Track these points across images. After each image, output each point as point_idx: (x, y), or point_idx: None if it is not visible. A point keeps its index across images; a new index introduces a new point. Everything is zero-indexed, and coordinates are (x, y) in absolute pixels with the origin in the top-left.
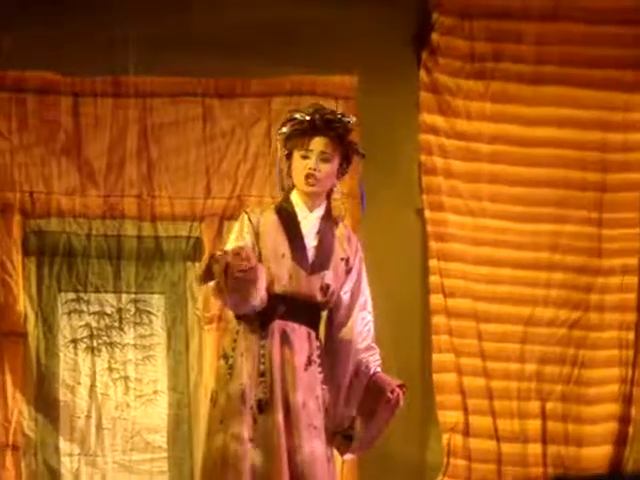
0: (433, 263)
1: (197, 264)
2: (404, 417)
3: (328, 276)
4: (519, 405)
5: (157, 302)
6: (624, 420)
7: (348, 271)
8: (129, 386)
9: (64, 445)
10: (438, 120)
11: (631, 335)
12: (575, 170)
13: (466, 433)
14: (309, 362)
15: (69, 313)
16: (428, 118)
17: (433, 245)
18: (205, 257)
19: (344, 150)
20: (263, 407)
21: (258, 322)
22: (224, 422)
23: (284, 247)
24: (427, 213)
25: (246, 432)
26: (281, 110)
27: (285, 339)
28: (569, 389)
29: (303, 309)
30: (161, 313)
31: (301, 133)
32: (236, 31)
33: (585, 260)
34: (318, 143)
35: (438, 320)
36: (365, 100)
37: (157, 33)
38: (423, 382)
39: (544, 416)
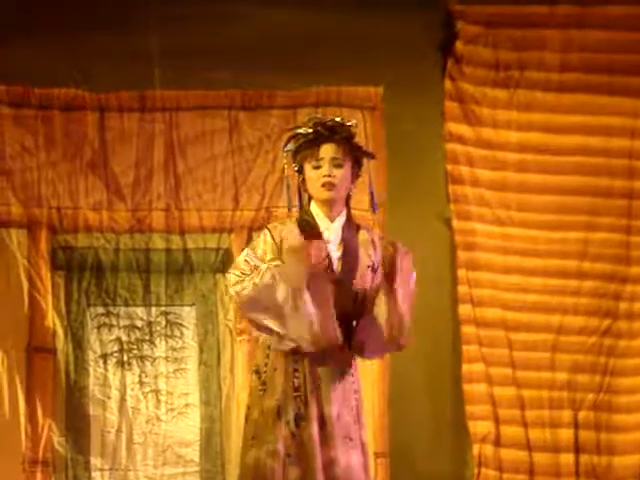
0: (461, 273)
1: (227, 275)
2: (436, 428)
3: (357, 285)
4: (551, 414)
5: (188, 314)
6: None
7: (375, 277)
8: (160, 399)
9: (95, 460)
10: (464, 129)
11: None
12: (602, 177)
13: (497, 443)
14: (343, 373)
15: (98, 327)
16: (454, 127)
17: (461, 255)
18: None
19: (353, 154)
20: (299, 422)
21: None
22: (257, 438)
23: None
24: (455, 222)
25: (282, 447)
26: None
27: (317, 352)
28: (600, 398)
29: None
30: (192, 325)
31: (308, 145)
32: (261, 43)
33: (614, 268)
34: (327, 150)
35: (467, 330)
36: (391, 110)
37: (182, 47)
38: (454, 392)
39: (576, 425)
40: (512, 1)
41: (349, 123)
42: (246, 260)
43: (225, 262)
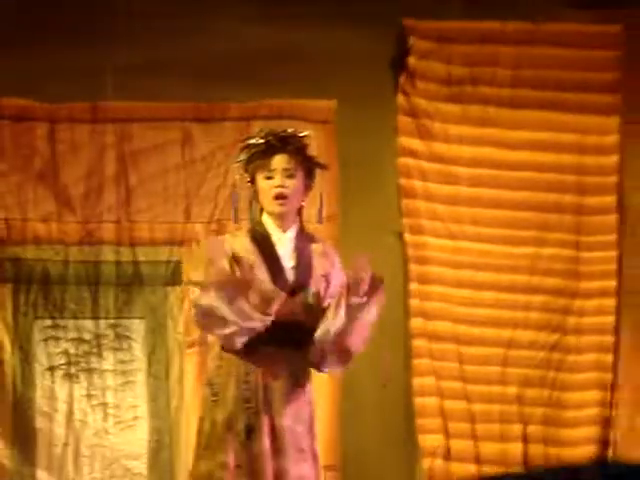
0: (413, 286)
1: (177, 287)
2: (386, 441)
3: (310, 295)
4: (501, 428)
5: (137, 327)
6: (603, 443)
7: (328, 287)
8: (108, 412)
9: (41, 474)
10: (417, 144)
11: (609, 358)
12: (553, 193)
13: (447, 457)
14: (298, 384)
15: (46, 340)
16: (407, 142)
17: (413, 268)
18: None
19: (305, 164)
20: (250, 433)
21: (243, 348)
22: (209, 449)
23: (262, 272)
24: (407, 236)
25: (232, 459)
26: None
27: (271, 364)
28: (549, 412)
29: (289, 332)
30: (141, 338)
31: (260, 155)
32: (215, 56)
33: (563, 283)
34: (279, 161)
35: (419, 343)
36: (344, 124)
37: (134, 58)
38: (405, 406)
39: (525, 439)
40: (464, 17)
41: (301, 134)
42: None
43: (175, 275)
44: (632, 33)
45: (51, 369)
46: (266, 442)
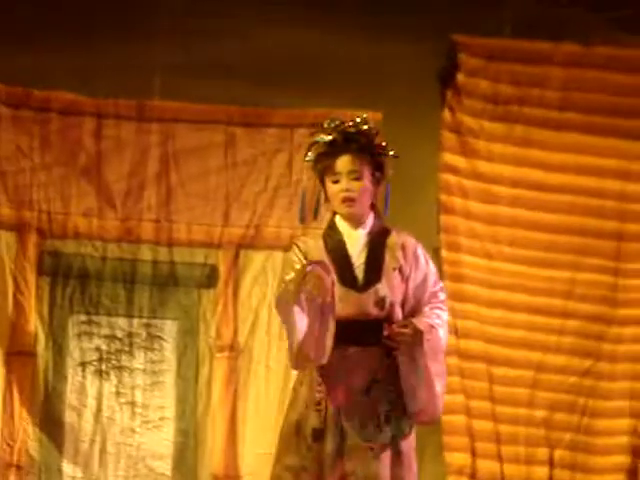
0: (448, 303)
1: (211, 291)
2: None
3: (382, 289)
4: (527, 451)
5: (169, 328)
6: (632, 472)
7: (404, 279)
8: (135, 411)
9: (67, 468)
10: (459, 160)
11: None
12: (593, 218)
13: (472, 476)
14: (372, 382)
15: (79, 335)
16: (449, 158)
17: (448, 285)
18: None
19: (372, 159)
20: (317, 436)
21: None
22: (280, 451)
23: (332, 272)
24: (444, 253)
25: (299, 462)
26: (303, 142)
27: (344, 364)
28: (578, 438)
29: (362, 329)
30: (172, 339)
31: (326, 156)
32: (263, 61)
33: (599, 309)
34: (345, 162)
35: (450, 361)
36: (388, 137)
37: (183, 59)
38: None
39: (552, 464)
40: (515, 35)
41: (367, 126)
42: (288, 276)
43: (210, 278)
44: None
45: (83, 364)
46: (333, 444)
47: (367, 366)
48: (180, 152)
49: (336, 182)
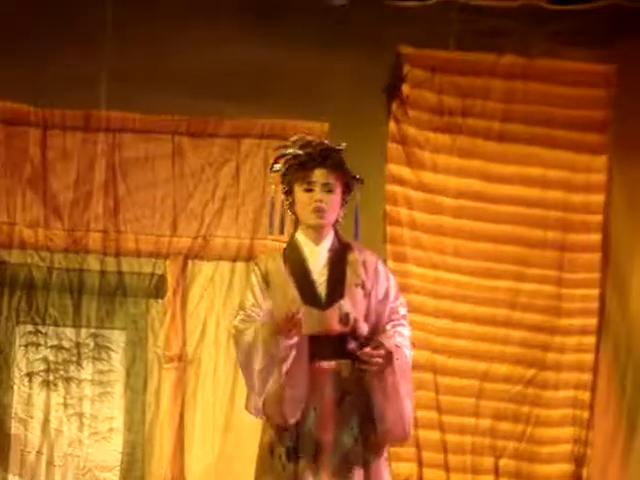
0: None
1: (159, 301)
2: None
3: (345, 305)
4: (472, 460)
5: (117, 338)
6: None
7: (367, 295)
8: (84, 423)
9: (12, 479)
10: (405, 171)
11: (586, 396)
12: (536, 228)
13: None
14: (343, 396)
15: (26, 346)
16: (395, 169)
17: None
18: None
19: (343, 179)
20: (291, 455)
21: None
22: (257, 472)
23: (293, 291)
24: (390, 263)
25: None
26: (250, 152)
27: (314, 379)
28: (522, 447)
29: (329, 345)
30: (121, 349)
31: (300, 167)
32: (210, 72)
33: (544, 318)
34: (320, 175)
35: None
36: None
37: (131, 69)
38: None
39: (497, 472)
40: (460, 48)
41: (340, 147)
42: (251, 304)
43: (159, 288)
44: (625, 73)
45: (29, 375)
46: (308, 461)
47: (337, 379)
48: (127, 162)
49: (309, 191)
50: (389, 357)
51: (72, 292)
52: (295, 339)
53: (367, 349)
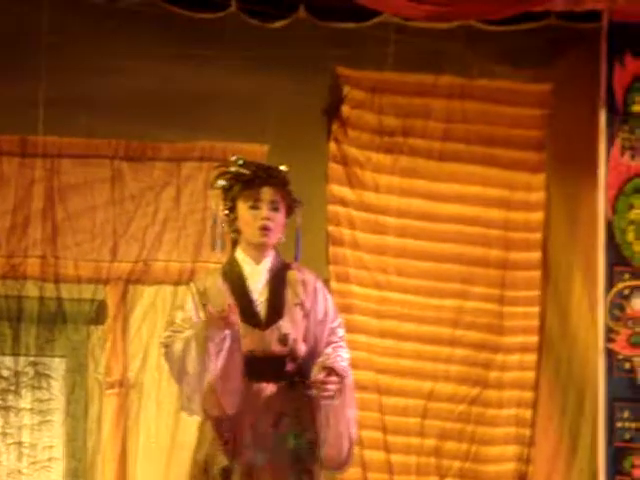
0: None
1: (100, 327)
2: None
3: (285, 326)
4: None
5: (57, 365)
6: None
7: (306, 315)
8: (23, 452)
9: None
10: (346, 192)
11: (528, 414)
12: (479, 247)
13: None
14: (280, 417)
15: None
16: (337, 189)
17: None
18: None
19: (286, 199)
20: (226, 475)
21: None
22: None
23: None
24: (333, 284)
25: None
26: (191, 175)
27: (251, 400)
28: (467, 466)
29: (266, 366)
30: (61, 377)
31: (246, 184)
32: (149, 95)
33: (486, 337)
34: (267, 193)
35: None
36: None
37: (66, 95)
38: None
39: None
40: (398, 69)
41: (283, 168)
42: (182, 319)
43: (99, 314)
44: (561, 92)
45: None
46: None
47: (273, 401)
48: (65, 187)
49: (255, 208)
50: (341, 382)
51: (10, 320)
52: (228, 330)
53: (320, 376)
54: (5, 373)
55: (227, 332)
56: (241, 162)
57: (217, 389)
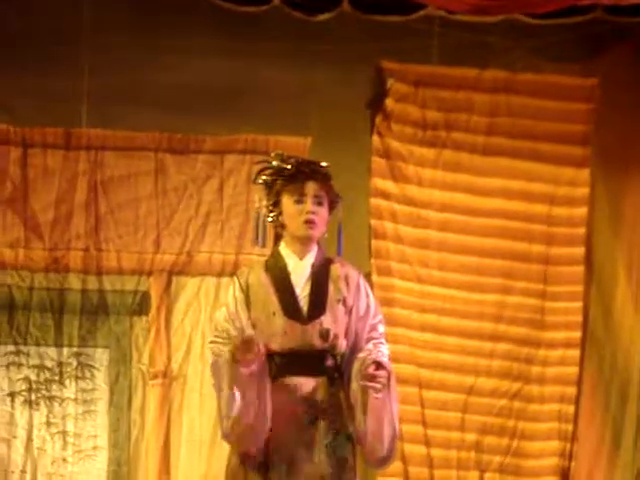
0: None
1: (143, 318)
2: None
3: (326, 321)
4: (458, 474)
5: (100, 356)
6: None
7: (348, 311)
8: (67, 441)
9: None
10: (389, 185)
11: (571, 409)
12: (521, 242)
13: None
14: (318, 413)
15: (7, 366)
16: (379, 183)
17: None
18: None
19: (329, 194)
20: (262, 470)
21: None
22: None
23: (274, 305)
24: (375, 277)
25: None
26: (234, 168)
27: (289, 395)
28: (507, 460)
29: (307, 361)
30: (104, 367)
31: (290, 179)
32: (192, 88)
33: (528, 332)
34: (311, 187)
35: None
36: None
37: (112, 87)
38: None
39: None
40: (443, 62)
41: (325, 164)
42: (225, 319)
43: (142, 305)
44: (606, 86)
45: (11, 395)
46: (280, 476)
47: (312, 396)
48: (109, 180)
49: (300, 203)
50: (388, 377)
51: (53, 312)
52: (253, 367)
53: (370, 370)
54: (49, 364)
55: (251, 368)
56: (282, 156)
57: (241, 427)
